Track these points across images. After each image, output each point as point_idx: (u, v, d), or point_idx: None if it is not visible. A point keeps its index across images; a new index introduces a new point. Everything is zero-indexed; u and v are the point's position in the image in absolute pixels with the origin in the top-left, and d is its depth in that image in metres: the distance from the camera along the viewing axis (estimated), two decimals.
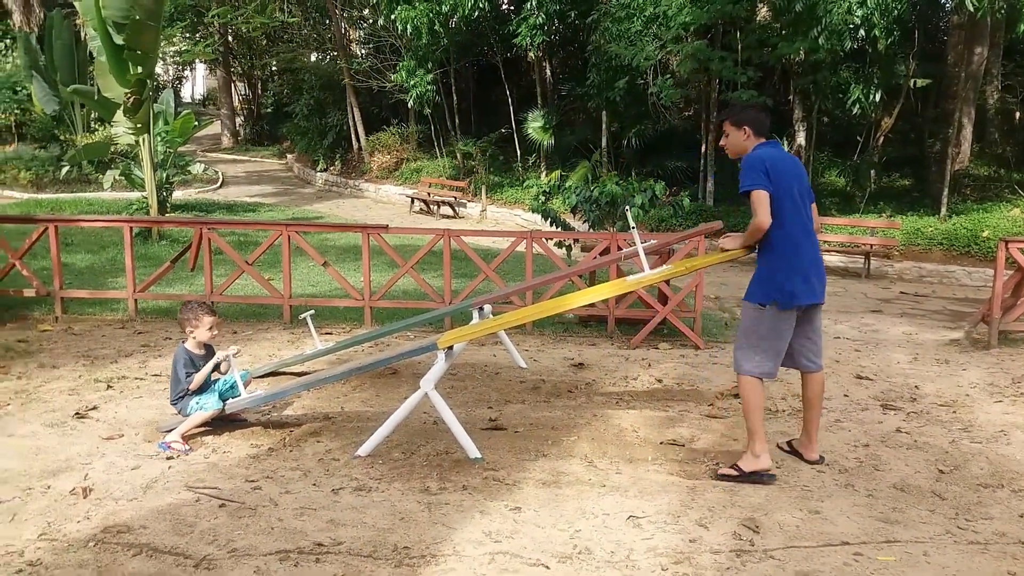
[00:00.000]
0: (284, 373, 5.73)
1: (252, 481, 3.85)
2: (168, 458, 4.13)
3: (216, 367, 4.53)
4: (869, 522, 3.58)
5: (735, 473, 3.99)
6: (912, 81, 14.75)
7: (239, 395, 4.57)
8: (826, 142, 17.13)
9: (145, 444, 4.33)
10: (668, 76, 15.69)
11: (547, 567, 3.11)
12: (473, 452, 4.16)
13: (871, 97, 14.01)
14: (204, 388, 4.51)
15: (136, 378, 5.55)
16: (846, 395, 5.56)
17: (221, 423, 4.64)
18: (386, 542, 3.27)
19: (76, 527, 3.35)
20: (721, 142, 4.20)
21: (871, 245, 13.31)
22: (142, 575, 2.98)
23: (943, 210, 14.25)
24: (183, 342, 4.56)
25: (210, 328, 4.54)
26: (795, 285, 3.89)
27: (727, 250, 4.18)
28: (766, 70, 15.95)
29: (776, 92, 17.36)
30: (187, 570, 3.02)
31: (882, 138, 15.67)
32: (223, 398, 4.50)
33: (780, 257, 3.91)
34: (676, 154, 17.42)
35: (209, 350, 4.60)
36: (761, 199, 3.83)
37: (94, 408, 4.87)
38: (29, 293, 7.57)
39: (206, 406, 4.42)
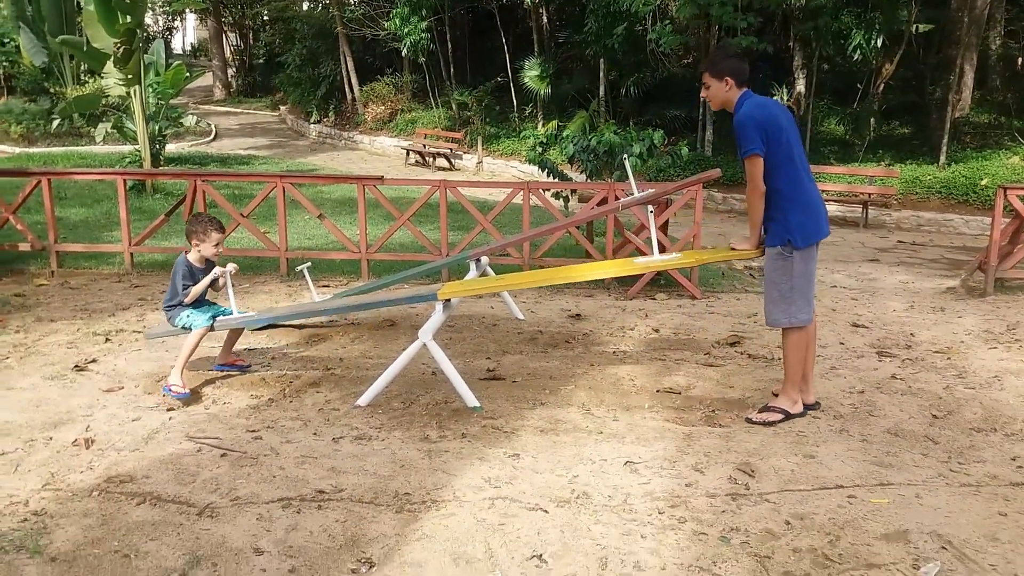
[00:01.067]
0: (283, 325, 5.74)
1: (253, 431, 3.89)
2: (168, 409, 4.16)
3: (214, 282, 4.56)
4: (863, 466, 3.63)
5: (780, 416, 4.06)
6: (914, 26, 14.51)
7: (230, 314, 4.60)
8: (826, 89, 16.92)
9: (145, 396, 4.35)
10: (667, 22, 15.42)
11: (546, 511, 3.16)
12: (472, 401, 4.19)
13: (872, 42, 13.80)
14: (198, 305, 4.54)
15: (134, 331, 5.56)
16: (842, 343, 5.59)
17: (226, 368, 4.70)
18: (387, 488, 3.31)
19: (79, 477, 3.39)
20: (702, 94, 4.14)
21: (869, 194, 13.25)
22: (146, 523, 3.02)
23: (942, 158, 14.15)
24: (186, 253, 4.57)
25: (216, 244, 4.55)
26: (809, 222, 3.92)
27: (737, 249, 4.16)
28: (766, 15, 15.65)
29: (776, 38, 17.08)
30: (191, 518, 3.07)
31: (882, 85, 15.47)
32: (214, 316, 4.54)
33: (789, 200, 3.91)
34: (675, 103, 17.20)
35: (210, 265, 4.61)
36: (757, 166, 3.85)
37: (93, 361, 4.89)
38: (24, 247, 7.55)
39: (195, 323, 4.45)
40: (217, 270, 4.55)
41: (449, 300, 4.33)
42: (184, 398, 4.24)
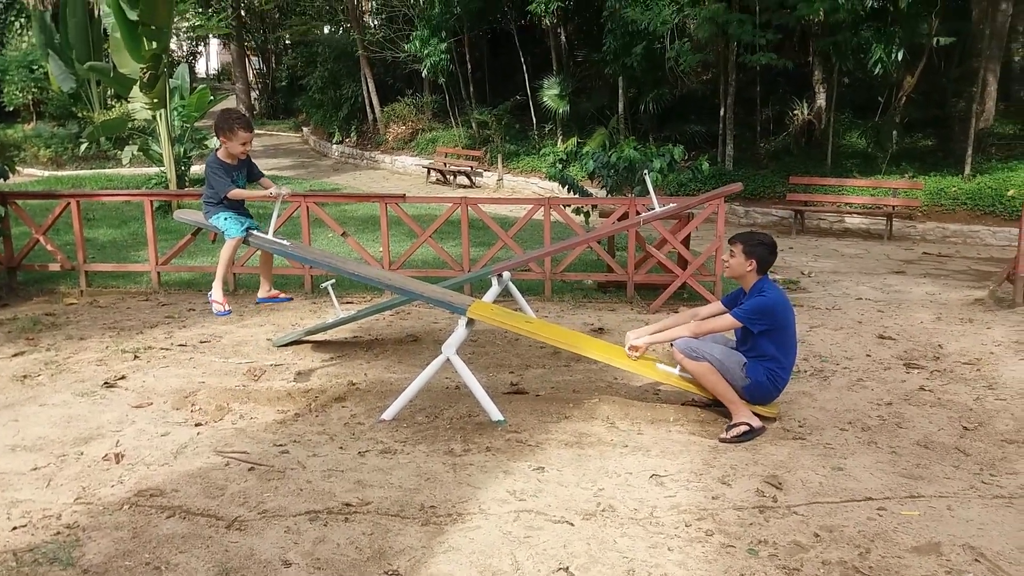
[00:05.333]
0: (308, 341, 5.79)
1: (280, 445, 3.92)
2: (196, 424, 4.20)
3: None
4: (892, 478, 3.59)
5: (745, 428, 4.04)
6: (935, 39, 14.41)
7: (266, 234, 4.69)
8: (846, 103, 16.82)
9: (173, 411, 4.40)
10: (686, 40, 15.44)
11: (571, 524, 3.15)
12: (496, 415, 4.20)
13: (893, 57, 13.73)
14: (237, 210, 4.59)
15: (162, 348, 5.63)
16: (868, 355, 5.53)
17: (268, 301, 4.87)
18: (413, 502, 3.32)
19: (110, 491, 3.43)
20: (725, 258, 4.42)
21: (893, 206, 13.15)
22: (176, 536, 3.05)
23: (967, 169, 14.00)
24: (216, 151, 4.63)
25: (243, 144, 4.59)
26: (771, 393, 4.21)
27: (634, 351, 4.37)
28: (785, 32, 15.63)
29: (796, 54, 17.03)
30: (219, 531, 3.09)
31: (904, 98, 15.35)
32: (249, 229, 4.62)
33: (777, 376, 4.16)
34: (694, 119, 17.19)
35: (244, 163, 4.66)
36: (728, 326, 4.21)
37: (122, 377, 4.95)
38: (54, 267, 7.68)
39: (230, 230, 4.53)
40: (274, 189, 4.64)
41: (473, 320, 4.35)
42: (225, 315, 4.35)
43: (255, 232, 4.65)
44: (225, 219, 4.53)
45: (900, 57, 13.82)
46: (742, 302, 4.26)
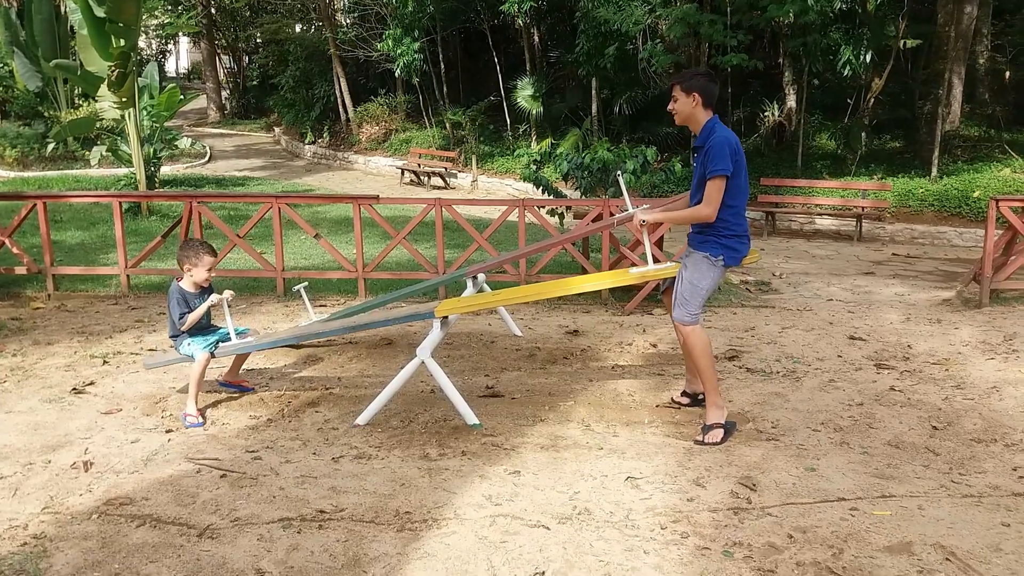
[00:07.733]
0: (281, 345, 5.72)
1: (252, 451, 3.87)
2: (167, 431, 4.14)
3: (209, 314, 4.57)
4: (864, 478, 3.63)
5: (721, 432, 4.03)
6: (902, 42, 14.65)
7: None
8: (816, 105, 17.04)
9: (144, 418, 4.34)
10: (658, 41, 15.54)
11: (547, 528, 3.15)
12: (471, 419, 4.19)
13: (861, 58, 13.94)
14: (201, 332, 4.51)
15: (132, 353, 5.55)
16: (840, 355, 5.60)
17: (230, 388, 4.71)
18: (387, 507, 3.30)
19: (79, 500, 3.37)
20: (670, 106, 4.21)
21: (863, 207, 13.33)
22: (146, 545, 3.00)
23: (934, 171, 14.24)
24: (178, 280, 4.54)
25: (209, 269, 4.51)
26: (740, 248, 4.14)
27: (646, 222, 4.23)
28: (756, 33, 15.81)
29: (766, 55, 17.22)
30: (191, 539, 3.05)
31: (872, 100, 15.60)
32: (217, 342, 4.53)
33: (732, 226, 4.08)
34: (667, 120, 17.14)
35: (206, 291, 4.59)
36: (722, 188, 3.95)
37: (91, 383, 4.87)
38: (20, 271, 7.53)
39: (196, 352, 4.44)
40: (214, 297, 4.53)
41: (447, 317, 4.33)
42: (198, 427, 4.22)
43: (221, 344, 4.57)
44: (190, 344, 4.47)
45: (868, 59, 14.04)
46: (701, 155, 4.06)
